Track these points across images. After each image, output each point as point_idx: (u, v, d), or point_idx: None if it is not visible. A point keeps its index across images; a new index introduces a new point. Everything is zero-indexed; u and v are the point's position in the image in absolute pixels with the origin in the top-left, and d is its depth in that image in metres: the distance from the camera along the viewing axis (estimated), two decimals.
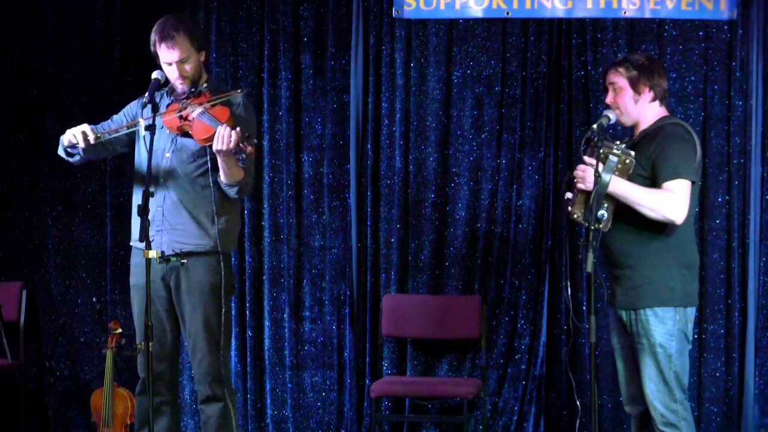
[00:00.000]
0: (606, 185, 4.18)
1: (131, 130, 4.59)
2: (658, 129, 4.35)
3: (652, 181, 4.27)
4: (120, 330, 5.48)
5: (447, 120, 6.15)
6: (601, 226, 4.22)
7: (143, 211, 4.10)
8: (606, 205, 4.22)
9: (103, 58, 6.34)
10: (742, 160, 5.94)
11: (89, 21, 6.36)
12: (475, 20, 6.10)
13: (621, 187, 4.21)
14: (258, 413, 6.27)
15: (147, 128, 4.25)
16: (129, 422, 5.51)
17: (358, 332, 6.20)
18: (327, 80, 6.22)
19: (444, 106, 6.15)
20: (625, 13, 5.97)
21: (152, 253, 4.12)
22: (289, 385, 6.23)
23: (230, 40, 6.23)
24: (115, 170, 6.25)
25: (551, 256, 6.07)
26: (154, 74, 4.42)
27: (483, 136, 6.13)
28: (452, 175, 6.15)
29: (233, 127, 4.28)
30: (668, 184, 4.24)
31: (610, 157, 4.21)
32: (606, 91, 4.46)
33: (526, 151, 6.09)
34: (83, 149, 4.53)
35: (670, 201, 4.22)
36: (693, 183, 4.29)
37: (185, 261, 4.40)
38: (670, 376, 4.27)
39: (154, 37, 4.52)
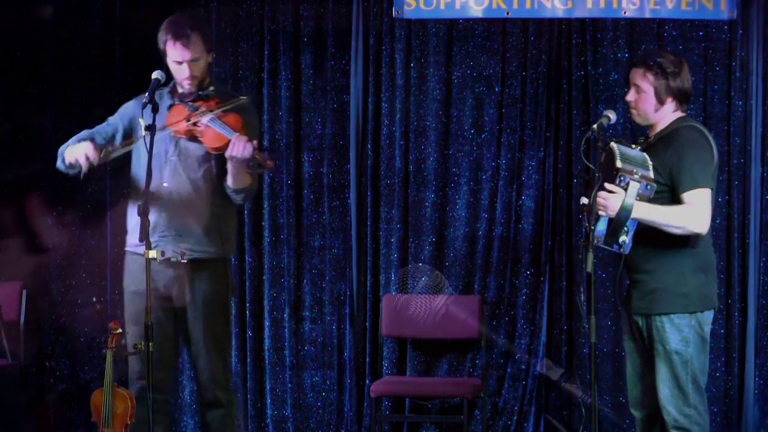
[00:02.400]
0: (630, 210, 4.13)
1: (130, 147, 4.43)
2: (673, 132, 4.28)
3: (670, 188, 4.23)
4: (120, 330, 5.46)
5: (447, 120, 6.15)
6: (623, 250, 4.20)
7: (143, 211, 3.98)
8: (627, 230, 4.18)
9: (103, 58, 6.34)
10: (742, 160, 5.94)
11: (89, 21, 6.35)
12: (475, 20, 6.10)
13: (645, 212, 4.15)
14: (258, 413, 6.26)
15: (147, 128, 4.11)
16: (129, 422, 5.50)
17: (358, 332, 6.19)
18: (327, 80, 6.21)
19: (444, 106, 6.15)
20: (625, 13, 5.97)
21: (152, 253, 4.00)
22: (289, 385, 6.23)
23: (230, 40, 6.24)
24: (115, 170, 6.25)
25: (551, 256, 6.07)
26: (154, 74, 4.25)
27: (483, 136, 6.13)
28: (452, 175, 6.15)
29: (248, 137, 4.19)
30: (688, 196, 4.19)
31: (632, 183, 4.14)
32: (628, 85, 4.36)
33: (526, 151, 6.09)
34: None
35: (694, 214, 4.18)
36: (711, 189, 4.25)
37: (185, 261, 4.36)
38: (685, 381, 4.25)
39: (165, 34, 4.35)
